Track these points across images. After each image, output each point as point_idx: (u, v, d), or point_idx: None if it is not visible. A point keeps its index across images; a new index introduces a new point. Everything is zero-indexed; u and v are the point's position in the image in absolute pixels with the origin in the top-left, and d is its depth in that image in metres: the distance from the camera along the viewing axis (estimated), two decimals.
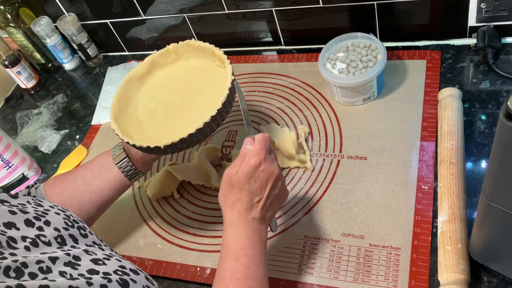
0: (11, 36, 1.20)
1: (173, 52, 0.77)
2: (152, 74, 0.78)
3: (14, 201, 0.55)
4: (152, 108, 0.75)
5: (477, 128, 0.79)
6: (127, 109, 0.76)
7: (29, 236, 0.49)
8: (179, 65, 0.78)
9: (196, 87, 0.74)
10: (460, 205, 0.67)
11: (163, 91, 0.76)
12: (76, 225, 0.56)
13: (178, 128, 0.70)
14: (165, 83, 0.77)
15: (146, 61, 0.77)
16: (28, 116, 1.16)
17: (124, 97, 0.76)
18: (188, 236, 0.82)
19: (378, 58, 0.86)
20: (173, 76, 0.77)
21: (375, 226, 0.73)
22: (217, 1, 1.02)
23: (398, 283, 0.66)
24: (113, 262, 0.51)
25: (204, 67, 0.75)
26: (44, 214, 0.54)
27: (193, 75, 0.76)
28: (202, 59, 0.76)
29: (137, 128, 0.73)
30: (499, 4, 0.83)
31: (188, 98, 0.74)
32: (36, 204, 0.56)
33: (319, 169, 0.83)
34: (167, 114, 0.73)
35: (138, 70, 0.77)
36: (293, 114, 0.93)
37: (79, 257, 0.49)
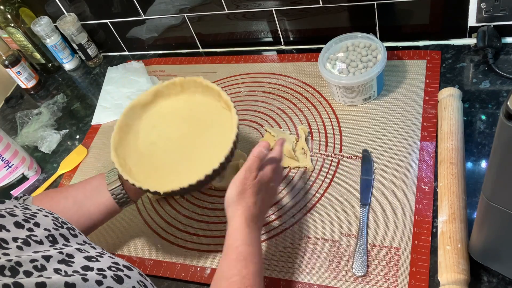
0: (11, 36, 1.20)
1: (179, 85, 0.76)
2: (155, 103, 0.78)
3: (1, 205, 0.55)
4: (153, 139, 0.75)
5: (477, 128, 0.79)
6: (127, 137, 0.76)
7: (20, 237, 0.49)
8: (184, 97, 0.77)
9: (199, 124, 0.73)
10: (460, 205, 0.67)
11: (165, 122, 0.76)
12: (65, 226, 0.56)
13: (178, 168, 0.70)
14: (168, 114, 0.76)
15: (151, 90, 0.76)
16: (28, 116, 1.16)
17: (125, 125, 0.76)
18: (188, 236, 0.82)
19: (378, 58, 0.86)
20: (176, 108, 0.77)
21: (375, 226, 0.73)
22: (217, 1, 1.02)
23: (398, 283, 0.66)
24: (106, 259, 0.52)
25: (209, 104, 0.74)
26: (32, 216, 0.54)
27: (196, 111, 0.75)
28: (208, 96, 0.75)
29: (136, 159, 0.73)
30: (499, 4, 0.83)
31: (189, 135, 0.73)
32: (24, 207, 0.56)
33: (319, 169, 0.83)
34: (166, 150, 0.73)
35: (142, 98, 0.77)
36: (293, 114, 0.93)
37: (72, 255, 0.50)
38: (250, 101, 0.99)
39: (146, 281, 0.52)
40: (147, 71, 1.15)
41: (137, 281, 0.50)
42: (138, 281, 0.51)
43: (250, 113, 0.97)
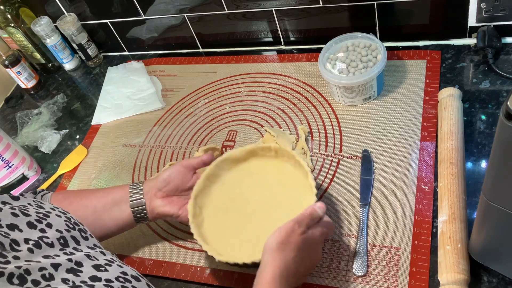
0: (11, 36, 1.20)
1: (274, 150, 0.76)
2: (248, 161, 0.78)
3: (16, 202, 0.55)
4: (233, 196, 0.75)
5: (477, 128, 0.79)
6: (211, 187, 0.76)
7: (32, 238, 0.49)
8: (276, 162, 0.77)
9: (279, 196, 0.74)
10: (460, 205, 0.67)
11: (251, 181, 0.76)
12: (77, 227, 0.56)
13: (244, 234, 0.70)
14: (256, 174, 0.77)
15: (246, 148, 0.77)
16: (28, 116, 1.16)
17: (213, 175, 0.76)
18: (188, 236, 0.82)
19: (378, 58, 0.86)
20: (266, 171, 0.77)
21: (375, 226, 0.73)
22: (217, 1, 1.02)
23: (398, 283, 0.66)
24: (114, 268, 0.51)
25: (297, 179, 0.73)
26: (45, 216, 0.54)
27: (283, 181, 0.75)
28: (298, 170, 0.74)
29: (212, 212, 0.74)
30: (499, 4, 0.83)
31: (267, 203, 0.73)
32: (37, 206, 0.56)
33: (319, 169, 0.83)
34: (241, 211, 0.73)
35: (236, 153, 0.77)
36: (293, 114, 0.93)
37: (81, 263, 0.50)
38: (250, 101, 0.99)
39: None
40: (147, 71, 1.15)
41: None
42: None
43: (250, 113, 0.97)
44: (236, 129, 0.95)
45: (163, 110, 1.05)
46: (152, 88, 1.10)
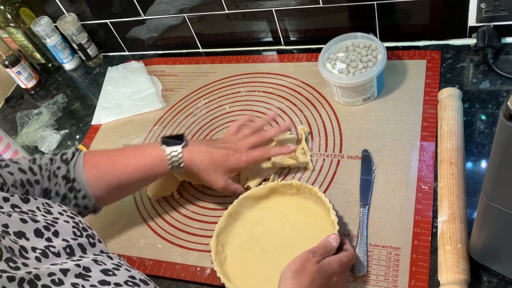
0: (11, 36, 1.20)
1: (295, 187, 0.77)
2: (269, 198, 0.79)
3: (25, 206, 0.55)
4: (255, 234, 0.76)
5: (477, 128, 0.79)
6: (234, 225, 0.77)
7: (39, 247, 0.49)
8: (297, 200, 0.77)
9: (303, 232, 0.74)
10: (460, 205, 0.67)
11: (273, 218, 0.77)
12: (85, 233, 0.56)
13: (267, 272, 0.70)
14: (278, 211, 0.77)
15: (268, 185, 0.77)
16: (28, 116, 1.16)
17: (235, 212, 0.77)
18: (188, 236, 0.82)
19: (378, 58, 0.86)
20: (287, 208, 0.77)
21: (375, 226, 0.73)
22: (217, 1, 1.02)
23: (398, 283, 0.66)
24: (123, 273, 0.52)
25: (318, 216, 0.74)
26: (53, 223, 0.54)
27: (304, 218, 0.75)
28: (319, 207, 0.75)
29: (234, 250, 0.74)
30: (499, 4, 0.83)
31: (289, 241, 0.73)
32: (46, 211, 0.56)
33: (319, 169, 0.83)
34: (264, 250, 0.73)
35: (258, 190, 0.78)
36: (293, 114, 0.93)
37: (89, 268, 0.50)
38: (250, 101, 0.99)
39: None
40: (147, 71, 1.15)
41: None
42: None
43: (250, 113, 0.97)
44: None
45: (163, 110, 1.05)
46: (152, 88, 1.10)
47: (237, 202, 0.77)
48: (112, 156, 0.76)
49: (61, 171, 0.72)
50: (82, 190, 0.73)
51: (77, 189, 0.72)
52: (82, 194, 0.73)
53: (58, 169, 0.72)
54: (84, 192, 0.73)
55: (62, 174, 0.72)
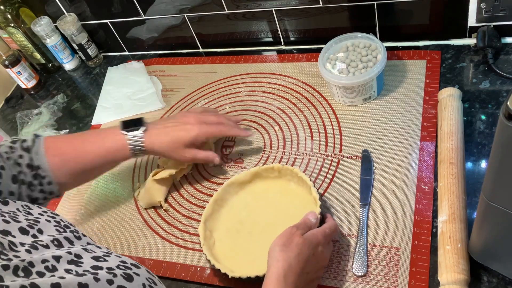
0: (11, 36, 1.20)
1: (277, 170, 0.80)
2: (253, 183, 0.82)
3: (5, 207, 0.55)
4: (242, 218, 0.79)
5: (477, 128, 0.79)
6: (220, 211, 0.80)
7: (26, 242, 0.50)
8: (280, 182, 0.81)
9: (287, 212, 0.77)
10: (460, 205, 0.67)
11: (257, 202, 0.80)
12: (68, 229, 0.57)
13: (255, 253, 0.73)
14: (262, 195, 0.81)
15: (251, 171, 0.81)
16: (28, 116, 1.16)
17: (220, 199, 0.80)
18: (188, 236, 0.82)
19: (378, 58, 0.86)
20: (271, 191, 0.81)
21: (375, 226, 0.73)
22: (217, 1, 1.02)
23: (398, 283, 0.66)
24: (113, 258, 0.52)
25: (301, 195, 0.78)
26: (35, 222, 0.54)
27: (288, 198, 0.79)
28: (301, 187, 0.78)
29: (222, 234, 0.77)
30: (499, 4, 0.83)
31: (274, 221, 0.76)
32: (26, 212, 0.56)
33: (319, 169, 0.83)
34: (251, 232, 0.77)
35: (241, 176, 0.81)
36: (293, 114, 0.93)
37: (80, 255, 0.50)
38: (250, 101, 0.99)
39: (154, 278, 0.53)
40: (147, 71, 1.15)
41: (146, 278, 0.51)
42: (147, 278, 0.51)
43: (250, 113, 0.97)
44: None
45: (163, 110, 1.05)
46: (152, 88, 1.10)
47: (221, 189, 0.80)
48: (73, 143, 0.77)
49: (24, 160, 0.71)
50: (47, 177, 0.73)
51: (42, 176, 0.72)
52: (47, 181, 0.73)
53: (21, 158, 0.71)
54: (49, 179, 0.73)
55: (26, 162, 0.71)
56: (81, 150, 0.76)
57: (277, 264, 0.59)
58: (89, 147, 0.76)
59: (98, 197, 0.93)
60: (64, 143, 0.76)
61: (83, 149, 0.76)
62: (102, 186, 0.95)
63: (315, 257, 0.63)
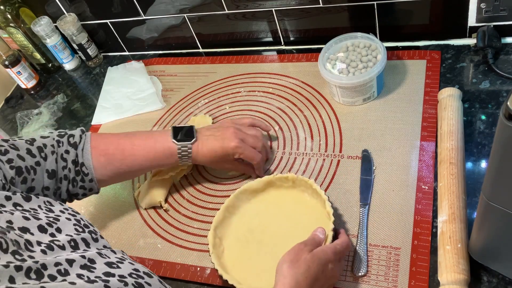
0: (11, 36, 1.20)
1: (291, 180, 0.78)
2: (266, 192, 0.80)
3: (27, 204, 0.56)
4: (252, 227, 0.77)
5: (477, 128, 0.79)
6: (231, 218, 0.79)
7: (43, 241, 0.50)
8: (294, 193, 0.79)
9: (298, 225, 0.75)
10: (460, 205, 0.67)
11: (269, 211, 0.79)
12: (87, 229, 0.57)
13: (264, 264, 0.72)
14: (274, 204, 0.79)
15: (264, 179, 0.79)
16: (28, 116, 1.16)
17: (232, 206, 0.79)
18: (188, 236, 0.82)
19: (378, 58, 0.86)
20: (283, 201, 0.79)
21: (375, 226, 0.73)
22: (217, 1, 1.02)
23: (398, 283, 0.66)
24: (126, 265, 0.52)
25: (314, 208, 0.76)
26: (55, 220, 0.55)
27: (300, 210, 0.77)
28: (315, 199, 0.77)
29: (231, 243, 0.77)
30: (499, 4, 0.83)
31: (286, 233, 0.75)
32: (47, 209, 0.57)
33: (319, 169, 0.83)
34: (261, 242, 0.75)
35: (254, 184, 0.80)
36: (293, 114, 0.93)
37: (94, 260, 0.50)
38: (250, 101, 0.99)
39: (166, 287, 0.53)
40: (147, 71, 1.15)
41: None
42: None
43: (250, 113, 0.97)
44: None
45: (163, 110, 1.05)
46: (152, 88, 1.10)
47: (233, 196, 0.79)
48: (121, 145, 0.77)
49: (70, 156, 0.72)
50: (89, 174, 0.74)
51: (85, 173, 0.74)
52: (89, 178, 0.74)
53: (67, 153, 0.72)
54: (91, 176, 0.74)
55: (72, 158, 0.72)
56: (129, 153, 0.76)
57: (283, 280, 0.58)
58: (137, 151, 0.76)
59: (98, 197, 0.93)
60: (112, 144, 0.76)
61: (132, 152, 0.76)
62: None
63: (324, 274, 0.61)
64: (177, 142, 0.77)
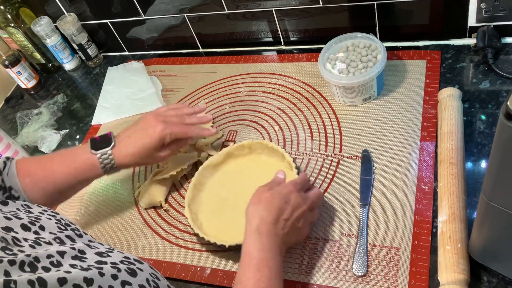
0: (11, 36, 1.20)
1: (247, 147, 0.85)
2: (226, 163, 0.86)
3: (5, 208, 0.56)
4: (223, 196, 0.82)
5: (477, 128, 0.79)
6: (200, 194, 0.83)
7: (29, 238, 0.50)
8: (252, 158, 0.86)
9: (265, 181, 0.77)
10: (460, 205, 0.67)
11: (234, 180, 0.84)
12: (69, 227, 0.57)
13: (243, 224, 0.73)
14: (237, 173, 0.85)
15: (223, 151, 0.85)
16: (28, 116, 1.16)
17: (198, 183, 0.83)
18: (188, 236, 0.82)
19: (378, 58, 0.86)
20: (244, 168, 0.85)
21: (375, 226, 0.73)
22: (217, 1, 1.02)
23: (398, 283, 0.66)
24: (116, 254, 0.53)
25: (274, 164, 0.82)
26: (37, 219, 0.55)
27: (263, 170, 0.83)
28: (273, 157, 0.83)
29: (207, 215, 0.81)
30: (499, 4, 0.83)
31: None
32: (26, 211, 0.57)
33: (319, 169, 0.83)
34: (236, 206, 0.78)
35: (214, 158, 0.85)
36: (293, 114, 0.93)
37: (84, 251, 0.51)
38: (250, 101, 0.99)
39: (157, 273, 0.54)
40: (147, 71, 1.15)
41: (149, 274, 0.52)
42: (150, 274, 0.53)
43: (250, 113, 0.97)
44: (236, 129, 0.95)
45: None
46: (152, 88, 1.10)
47: (198, 174, 0.83)
48: (42, 163, 0.76)
49: None
50: (20, 197, 0.72)
51: (15, 196, 0.72)
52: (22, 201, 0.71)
53: None
54: (22, 199, 0.72)
55: None
56: (51, 170, 0.75)
57: (250, 220, 0.65)
58: (58, 167, 0.75)
59: (98, 197, 0.93)
60: (33, 164, 0.76)
61: (53, 169, 0.75)
62: (102, 186, 0.95)
63: (288, 204, 0.66)
64: (95, 151, 0.75)
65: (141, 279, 0.50)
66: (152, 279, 0.52)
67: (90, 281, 0.45)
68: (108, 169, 0.76)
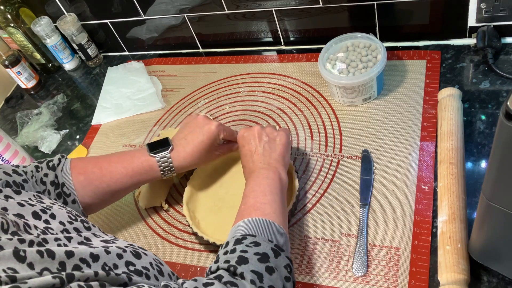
0: (11, 36, 1.20)
1: None
2: (224, 163, 0.86)
3: (18, 197, 0.57)
4: (220, 196, 0.83)
5: (477, 128, 0.79)
6: (197, 193, 0.84)
7: (39, 226, 0.52)
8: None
9: None
10: (460, 205, 0.67)
11: (232, 180, 0.85)
12: (79, 218, 0.59)
13: None
14: (235, 173, 0.85)
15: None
16: (28, 116, 1.16)
17: (196, 182, 0.84)
18: (188, 236, 0.82)
19: (378, 58, 0.86)
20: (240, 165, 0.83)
21: (375, 226, 0.73)
22: (217, 1, 1.02)
23: (398, 283, 0.66)
24: (121, 242, 0.56)
25: None
26: (49, 207, 0.57)
27: None
28: None
29: (204, 214, 0.81)
30: (499, 4, 0.83)
31: None
32: (38, 201, 0.58)
33: (319, 169, 0.83)
34: (233, 205, 0.78)
35: None
36: (293, 114, 0.93)
37: (89, 239, 0.54)
38: (250, 101, 0.99)
39: (161, 260, 0.57)
40: (147, 71, 1.15)
41: (153, 259, 0.55)
42: (154, 259, 0.55)
43: (250, 113, 0.97)
44: (236, 129, 0.95)
45: (163, 110, 1.05)
46: (152, 88, 1.10)
47: (196, 173, 0.85)
48: (99, 162, 0.76)
49: (49, 178, 0.71)
50: (71, 195, 0.72)
51: (67, 194, 0.72)
52: (72, 199, 0.72)
53: (46, 176, 0.71)
54: (73, 197, 0.72)
55: (51, 180, 0.71)
56: (108, 170, 0.75)
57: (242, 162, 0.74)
58: (115, 167, 0.75)
59: None
60: (89, 163, 0.76)
61: (110, 169, 0.75)
62: None
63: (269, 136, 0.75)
64: (154, 154, 0.75)
65: (145, 262, 0.53)
66: (156, 263, 0.55)
67: (96, 257, 0.48)
68: (166, 172, 0.76)
